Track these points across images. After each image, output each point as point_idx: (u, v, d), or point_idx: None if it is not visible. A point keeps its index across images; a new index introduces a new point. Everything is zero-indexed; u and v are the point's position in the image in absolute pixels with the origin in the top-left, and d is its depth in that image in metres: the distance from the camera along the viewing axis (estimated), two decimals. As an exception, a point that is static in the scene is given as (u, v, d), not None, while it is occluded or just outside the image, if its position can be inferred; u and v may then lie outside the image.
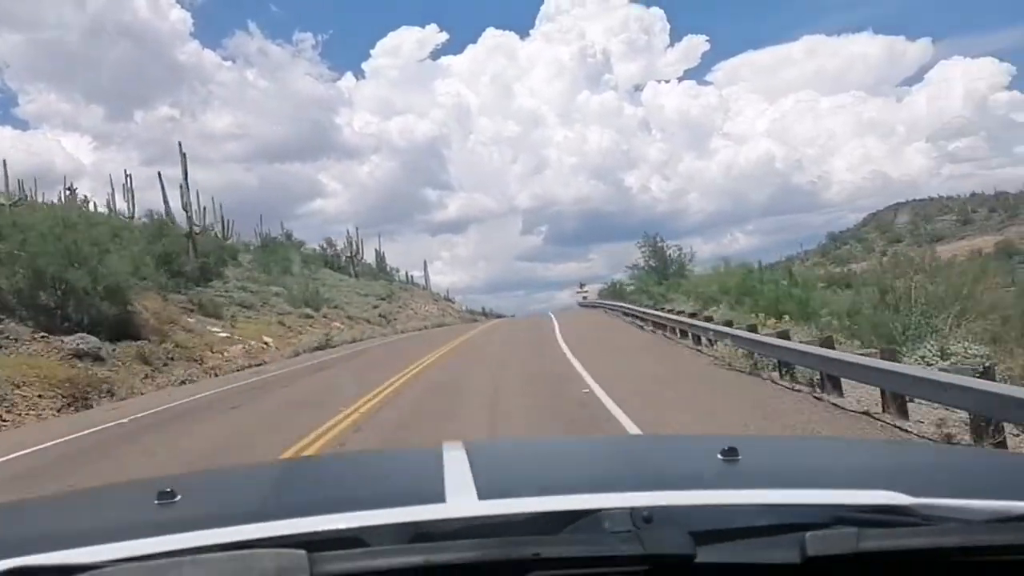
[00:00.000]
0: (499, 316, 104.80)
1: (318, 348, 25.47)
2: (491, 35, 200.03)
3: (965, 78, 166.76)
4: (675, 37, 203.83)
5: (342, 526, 1.06)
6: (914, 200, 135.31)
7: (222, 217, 56.52)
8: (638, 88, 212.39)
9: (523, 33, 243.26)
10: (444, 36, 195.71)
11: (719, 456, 1.44)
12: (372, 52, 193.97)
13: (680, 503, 1.11)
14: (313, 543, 0.96)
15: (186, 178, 37.11)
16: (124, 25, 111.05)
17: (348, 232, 72.00)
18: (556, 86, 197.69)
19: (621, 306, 33.85)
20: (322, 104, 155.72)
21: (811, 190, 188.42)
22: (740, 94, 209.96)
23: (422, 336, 32.23)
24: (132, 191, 39.25)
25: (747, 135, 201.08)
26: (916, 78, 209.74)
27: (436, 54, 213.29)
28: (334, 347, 26.74)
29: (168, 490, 1.40)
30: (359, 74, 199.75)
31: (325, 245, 69.79)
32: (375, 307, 51.44)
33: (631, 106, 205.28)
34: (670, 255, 39.35)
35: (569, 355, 16.57)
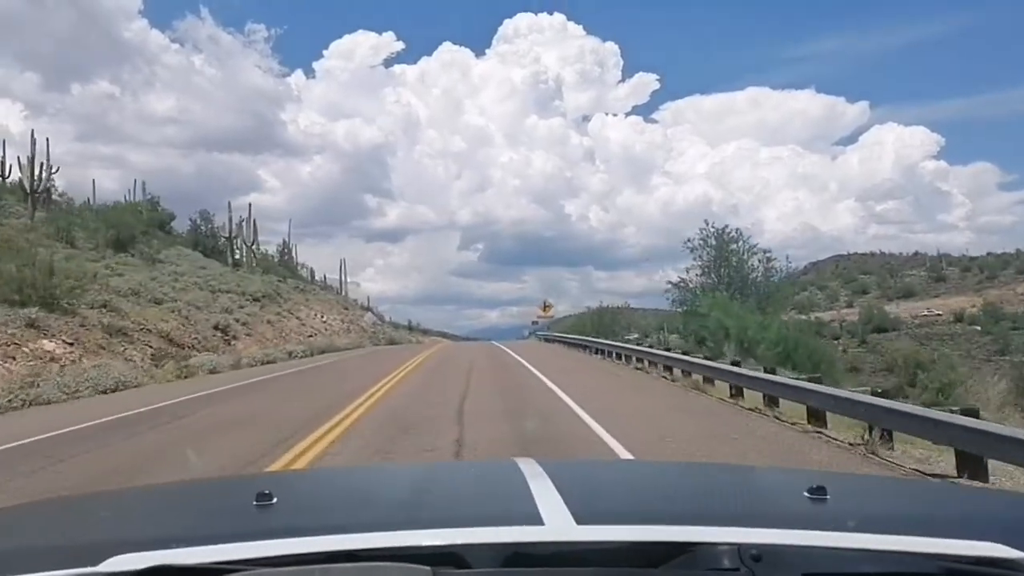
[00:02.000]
0: (426, 332, 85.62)
1: None
2: (447, 49, 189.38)
3: (897, 143, 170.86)
4: (627, 73, 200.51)
5: (446, 542, 1.07)
6: (855, 253, 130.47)
7: (31, 159, 37.92)
8: (586, 118, 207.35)
9: (479, 51, 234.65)
10: (400, 45, 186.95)
11: (806, 494, 1.41)
12: (325, 52, 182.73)
13: (787, 542, 1.08)
14: (413, 557, 0.99)
15: None
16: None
17: (230, 206, 51.35)
18: (506, 107, 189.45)
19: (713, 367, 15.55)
20: (269, 98, 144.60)
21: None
22: (684, 135, 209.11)
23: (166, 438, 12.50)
24: None
25: (687, 175, 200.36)
26: (851, 139, 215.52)
27: (390, 62, 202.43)
28: None
29: (266, 492, 1.40)
30: (310, 72, 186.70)
31: (199, 220, 49.56)
32: (227, 312, 31.91)
33: (577, 135, 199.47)
34: (751, 266, 21.26)
35: None
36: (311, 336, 38.42)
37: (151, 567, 0.99)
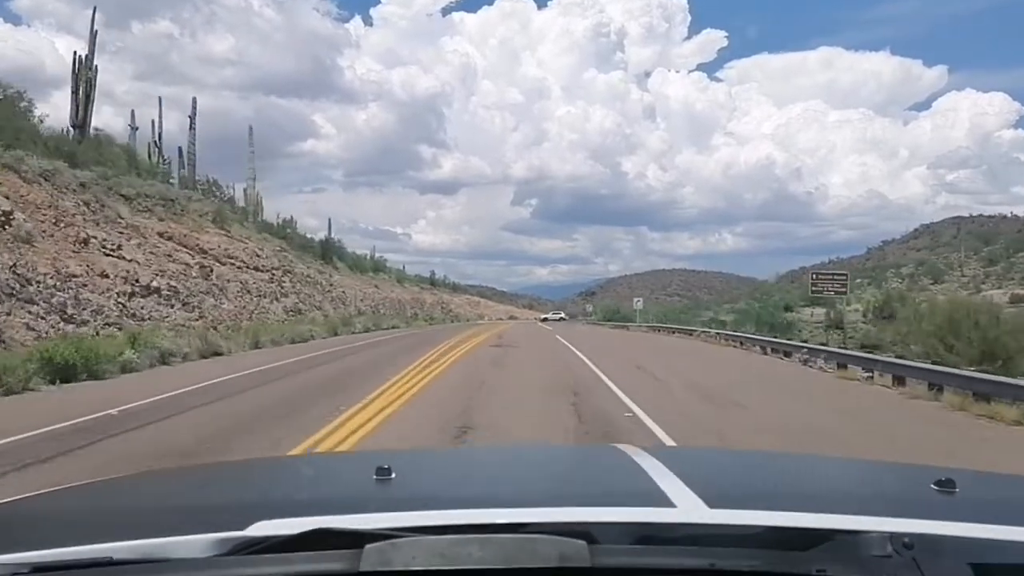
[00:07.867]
0: (456, 288, 67.20)
1: None
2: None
3: (974, 110, 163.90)
4: (694, 29, 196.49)
5: (581, 520, 1.07)
6: (980, 215, 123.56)
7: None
8: (647, 74, 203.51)
9: (541, 1, 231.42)
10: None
11: (934, 486, 1.38)
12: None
13: (940, 532, 1.06)
14: (548, 534, 0.98)
15: None
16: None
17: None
18: (565, 59, 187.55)
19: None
20: (327, 43, 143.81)
21: (807, 200, 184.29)
22: (749, 94, 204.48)
23: None
24: None
25: (750, 136, 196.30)
26: (926, 104, 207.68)
27: (447, 10, 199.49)
28: None
29: (385, 467, 1.41)
30: (368, 19, 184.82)
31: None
32: None
33: (638, 90, 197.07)
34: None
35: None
36: None
37: (306, 532, 0.98)
